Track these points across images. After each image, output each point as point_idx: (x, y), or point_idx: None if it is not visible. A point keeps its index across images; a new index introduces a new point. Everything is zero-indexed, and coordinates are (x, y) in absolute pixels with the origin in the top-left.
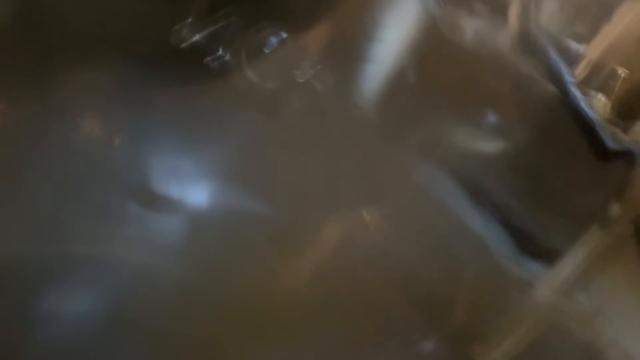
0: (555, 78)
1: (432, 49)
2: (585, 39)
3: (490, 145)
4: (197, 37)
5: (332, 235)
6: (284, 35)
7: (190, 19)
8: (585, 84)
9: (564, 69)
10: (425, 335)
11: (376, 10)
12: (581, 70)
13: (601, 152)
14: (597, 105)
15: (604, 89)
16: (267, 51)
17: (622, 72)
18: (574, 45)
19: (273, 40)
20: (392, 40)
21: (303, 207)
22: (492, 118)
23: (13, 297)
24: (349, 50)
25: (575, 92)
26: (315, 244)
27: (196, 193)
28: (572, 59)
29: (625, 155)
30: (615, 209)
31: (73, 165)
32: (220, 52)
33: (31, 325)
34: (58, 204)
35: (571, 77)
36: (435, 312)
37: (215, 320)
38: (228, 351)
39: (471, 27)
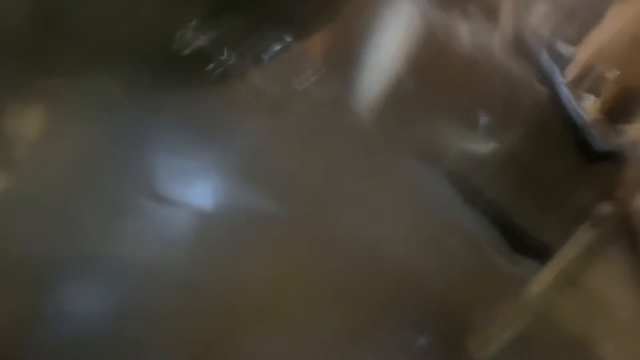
0: (546, 80)
1: (429, 54)
2: (576, 41)
3: (483, 146)
4: (201, 42)
5: (331, 233)
6: (287, 40)
7: (194, 24)
8: (575, 85)
9: (554, 70)
10: (419, 329)
11: (376, 16)
12: (572, 72)
13: (591, 152)
14: (587, 106)
15: (594, 90)
16: (269, 56)
17: (611, 73)
18: (565, 48)
19: (276, 45)
20: (390, 46)
21: (304, 205)
22: (485, 119)
23: (25, 293)
24: (349, 56)
25: (566, 93)
26: (314, 242)
27: (201, 193)
28: (562, 61)
29: (615, 156)
30: (604, 207)
31: (83, 165)
32: (224, 56)
33: (43, 320)
34: (69, 202)
35: (562, 79)
36: (430, 306)
37: (220, 315)
38: (232, 343)
39: (466, 32)
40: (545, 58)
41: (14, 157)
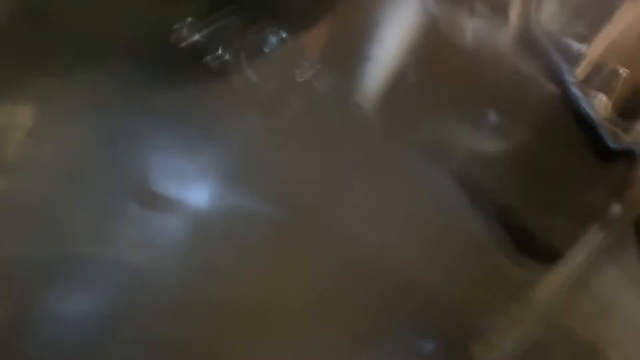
0: (556, 78)
1: (433, 49)
2: (586, 38)
3: (490, 145)
4: (197, 37)
5: (332, 235)
6: (284, 34)
7: (190, 19)
8: (586, 83)
9: (564, 68)
10: (424, 335)
11: (376, 9)
12: (582, 70)
13: (601, 152)
14: (598, 105)
15: (604, 88)
16: (267, 51)
17: (623, 71)
18: (575, 45)
19: (273, 39)
20: (392, 40)
21: (303, 206)
22: (492, 118)
23: (13, 297)
24: (349, 50)
25: (576, 92)
26: (315, 244)
27: (196, 193)
28: (572, 59)
29: (626, 155)
30: (615, 209)
31: (74, 165)
32: (220, 52)
33: (31, 325)
34: (59, 204)
35: (572, 77)
36: (435, 311)
37: (215, 320)
38: (228, 351)
39: (471, 27)
40: (554, 55)
41: (4, 158)
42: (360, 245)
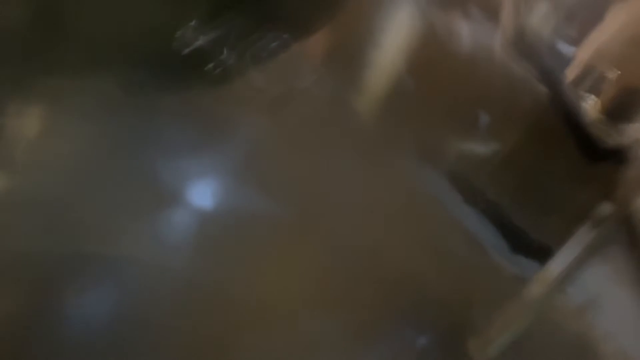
0: (547, 80)
1: (429, 54)
2: (577, 41)
3: (483, 146)
4: (200, 41)
5: (331, 231)
6: (287, 39)
7: (194, 24)
8: (576, 85)
9: (555, 70)
10: (419, 330)
11: (375, 16)
12: (572, 71)
13: (591, 152)
14: (588, 106)
15: (594, 90)
16: (269, 56)
17: (612, 73)
18: (566, 48)
19: (275, 45)
20: (390, 46)
21: (304, 206)
22: (485, 119)
23: (25, 294)
24: (349, 56)
25: (567, 93)
26: (315, 240)
27: (202, 193)
28: (563, 61)
29: (615, 155)
30: (605, 207)
31: (83, 165)
32: (223, 56)
33: (42, 322)
34: (69, 202)
35: (562, 79)
36: (430, 307)
37: (222, 314)
38: (235, 342)
39: (466, 32)
40: (545, 58)
41: (14, 157)
42: (358, 243)
